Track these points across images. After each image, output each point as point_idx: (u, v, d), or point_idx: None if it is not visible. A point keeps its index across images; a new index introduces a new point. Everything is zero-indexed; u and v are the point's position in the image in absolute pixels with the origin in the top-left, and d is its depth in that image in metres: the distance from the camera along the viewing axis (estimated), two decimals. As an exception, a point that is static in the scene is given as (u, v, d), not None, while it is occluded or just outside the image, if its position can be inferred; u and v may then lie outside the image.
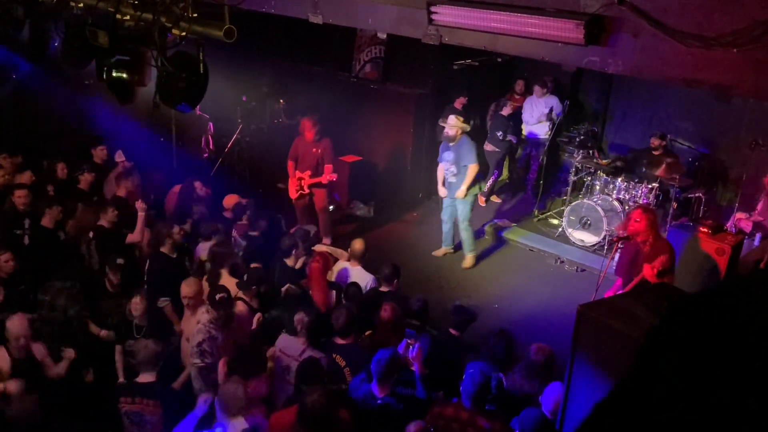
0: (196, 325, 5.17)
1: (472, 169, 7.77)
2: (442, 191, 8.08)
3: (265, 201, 8.75)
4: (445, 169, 7.92)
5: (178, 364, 5.37)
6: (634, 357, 0.69)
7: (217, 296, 5.05)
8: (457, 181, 7.86)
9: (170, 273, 5.90)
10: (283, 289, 5.92)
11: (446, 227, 8.30)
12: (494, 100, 10.19)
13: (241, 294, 5.58)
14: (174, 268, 6.11)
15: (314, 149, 8.04)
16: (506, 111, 9.56)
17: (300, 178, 8.13)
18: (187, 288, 5.37)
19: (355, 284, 5.83)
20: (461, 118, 7.99)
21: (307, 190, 8.16)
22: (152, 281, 5.99)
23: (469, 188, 7.86)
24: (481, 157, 9.88)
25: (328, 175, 7.99)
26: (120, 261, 5.83)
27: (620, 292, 5.71)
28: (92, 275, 6.45)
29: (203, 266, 6.27)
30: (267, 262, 6.31)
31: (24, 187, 6.57)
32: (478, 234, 8.77)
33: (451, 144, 7.77)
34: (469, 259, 8.16)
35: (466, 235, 8.08)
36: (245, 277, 5.67)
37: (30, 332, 4.83)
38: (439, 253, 8.43)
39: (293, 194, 8.27)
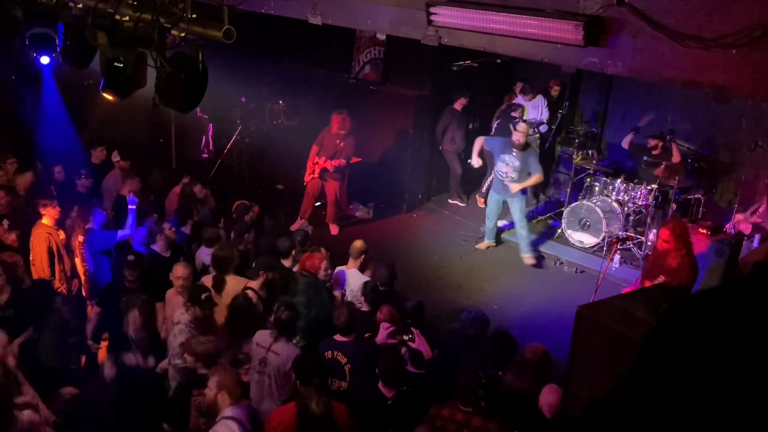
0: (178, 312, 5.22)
1: (537, 179, 8.04)
2: (475, 161, 8.33)
3: (264, 201, 8.76)
4: (501, 170, 8.01)
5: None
6: (634, 356, 0.69)
7: (203, 295, 5.04)
8: (512, 185, 7.99)
9: (162, 270, 5.84)
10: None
11: (491, 223, 8.47)
12: (494, 101, 10.19)
13: (249, 284, 5.60)
14: (166, 265, 6.07)
15: (338, 141, 8.57)
16: (516, 114, 9.59)
17: (315, 162, 8.61)
18: (181, 269, 5.44)
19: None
20: (531, 127, 8.23)
21: (317, 174, 8.63)
22: (145, 276, 5.94)
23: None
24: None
25: (334, 162, 8.48)
26: (131, 257, 5.83)
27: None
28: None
29: (206, 271, 6.25)
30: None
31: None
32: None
33: (515, 150, 7.88)
34: (527, 258, 8.27)
35: (523, 233, 8.20)
36: (253, 265, 5.69)
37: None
38: (482, 246, 8.61)
39: (307, 177, 8.74)
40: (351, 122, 8.52)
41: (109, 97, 3.98)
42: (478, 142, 8.34)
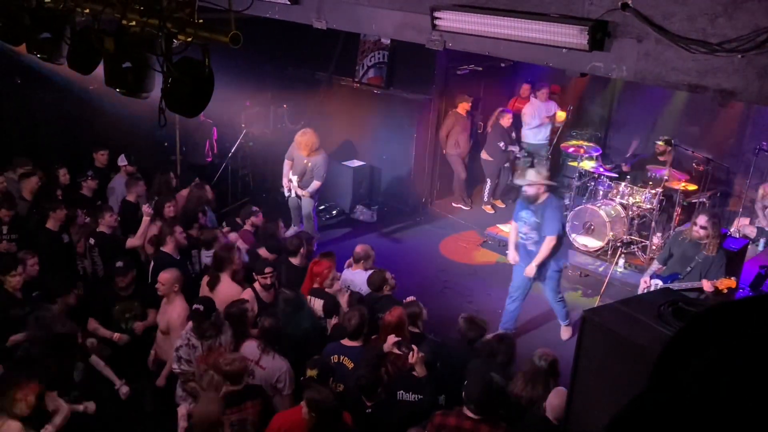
0: (170, 315, 5.24)
1: (550, 243, 6.34)
2: (512, 255, 6.70)
3: (268, 205, 8.80)
4: (522, 232, 6.54)
5: None
6: (654, 363, 0.69)
7: (193, 307, 4.96)
8: (537, 250, 6.45)
9: None
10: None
11: (513, 305, 6.67)
12: (498, 105, 10.20)
13: (259, 278, 5.68)
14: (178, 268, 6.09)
15: (306, 161, 8.28)
16: (505, 122, 9.53)
17: (290, 180, 8.38)
18: (164, 274, 5.39)
19: (357, 293, 5.86)
20: (543, 172, 6.55)
21: (293, 193, 8.43)
22: (155, 281, 5.94)
23: (549, 260, 6.46)
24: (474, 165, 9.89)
25: (304, 192, 8.22)
26: (119, 264, 5.79)
27: None
28: (98, 282, 6.48)
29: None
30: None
31: None
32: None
33: (531, 204, 6.40)
34: (564, 330, 6.88)
35: (558, 307, 6.80)
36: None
37: None
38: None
39: (286, 192, 8.53)
40: (317, 138, 8.14)
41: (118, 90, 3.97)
42: (512, 231, 6.71)
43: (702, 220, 5.72)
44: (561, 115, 9.83)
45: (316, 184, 8.22)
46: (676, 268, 5.90)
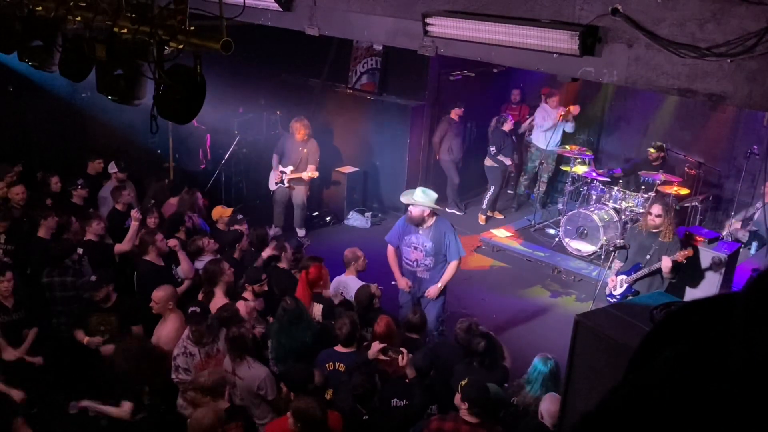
0: (160, 333, 5.17)
1: (456, 266, 6.01)
2: (404, 282, 6.19)
3: (261, 211, 8.80)
4: (410, 258, 6.13)
5: None
6: (627, 363, 0.70)
7: (189, 310, 4.88)
8: (431, 277, 6.07)
9: (157, 280, 5.73)
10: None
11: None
12: (491, 110, 10.22)
13: (245, 295, 5.64)
14: (160, 275, 6.02)
15: (301, 148, 8.67)
16: (507, 126, 9.46)
17: (282, 172, 8.74)
18: (158, 293, 5.27)
19: (346, 300, 5.83)
20: (431, 194, 6.01)
21: (287, 184, 8.77)
22: (142, 289, 5.93)
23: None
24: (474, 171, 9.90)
25: (310, 173, 8.64)
26: (92, 278, 5.62)
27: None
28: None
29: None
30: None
31: None
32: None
33: (419, 228, 6.02)
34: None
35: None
36: (243, 278, 5.77)
37: None
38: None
39: (272, 185, 8.88)
40: (310, 125, 8.71)
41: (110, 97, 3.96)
42: (391, 256, 6.29)
43: (656, 209, 6.04)
44: (573, 109, 9.48)
45: (312, 167, 8.63)
46: (637, 259, 6.17)
